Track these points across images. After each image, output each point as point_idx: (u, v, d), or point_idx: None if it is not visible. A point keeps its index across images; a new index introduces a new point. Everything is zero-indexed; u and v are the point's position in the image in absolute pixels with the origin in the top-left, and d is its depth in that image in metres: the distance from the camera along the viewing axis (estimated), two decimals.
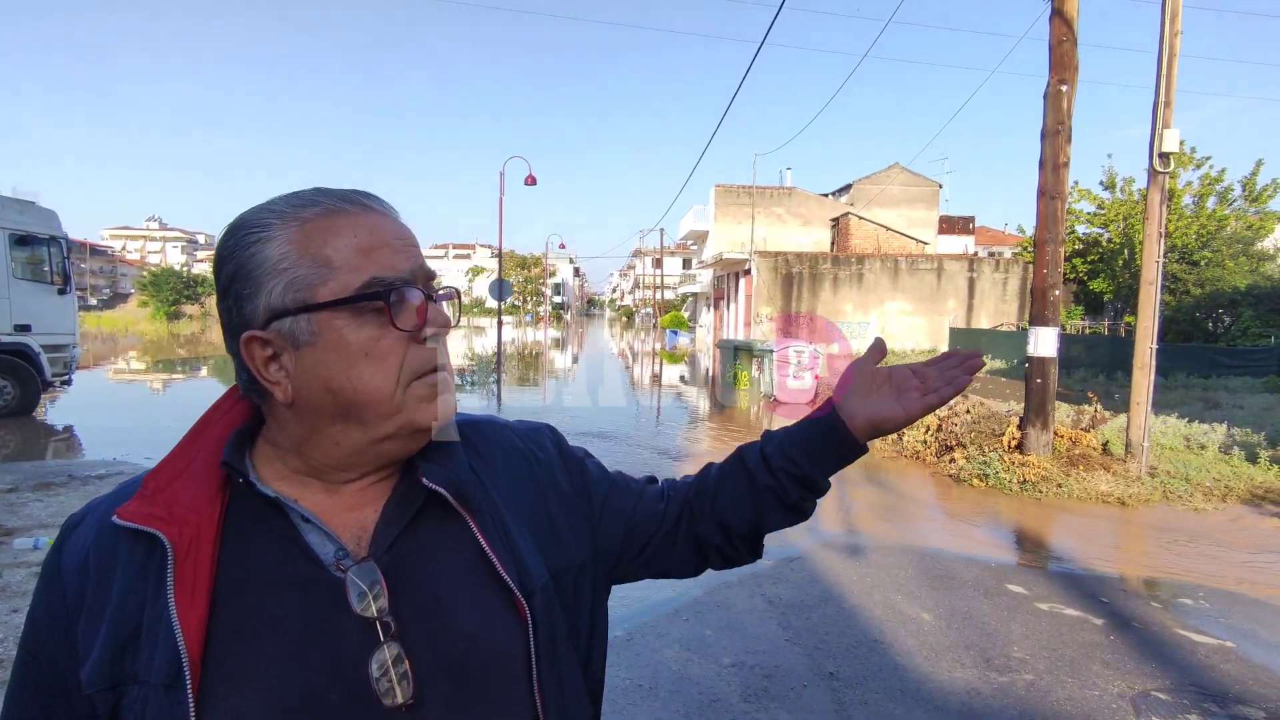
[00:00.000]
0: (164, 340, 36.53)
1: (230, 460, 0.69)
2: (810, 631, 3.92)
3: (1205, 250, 21.67)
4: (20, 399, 10.94)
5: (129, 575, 0.65)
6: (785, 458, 0.89)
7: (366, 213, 0.69)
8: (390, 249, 0.68)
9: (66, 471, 7.47)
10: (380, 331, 0.67)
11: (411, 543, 0.70)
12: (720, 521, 0.91)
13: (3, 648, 3.47)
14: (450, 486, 0.71)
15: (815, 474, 0.89)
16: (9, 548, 4.90)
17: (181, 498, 0.67)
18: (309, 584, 0.66)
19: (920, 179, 36.40)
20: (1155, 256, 7.67)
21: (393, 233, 0.70)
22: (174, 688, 0.61)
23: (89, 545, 0.68)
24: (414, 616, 0.67)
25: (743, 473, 0.91)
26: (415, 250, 0.71)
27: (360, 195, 0.71)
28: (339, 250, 0.66)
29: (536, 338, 43.19)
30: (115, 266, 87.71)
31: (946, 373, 0.88)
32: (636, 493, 0.92)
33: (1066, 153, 7.83)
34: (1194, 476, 7.36)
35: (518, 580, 0.71)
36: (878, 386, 0.88)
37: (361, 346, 0.66)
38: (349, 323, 0.66)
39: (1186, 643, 3.91)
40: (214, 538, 0.66)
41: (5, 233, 10.83)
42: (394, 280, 0.67)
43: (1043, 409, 7.86)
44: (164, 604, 0.63)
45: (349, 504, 0.71)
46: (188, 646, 0.61)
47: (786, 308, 25.41)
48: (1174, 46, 7.47)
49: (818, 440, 0.88)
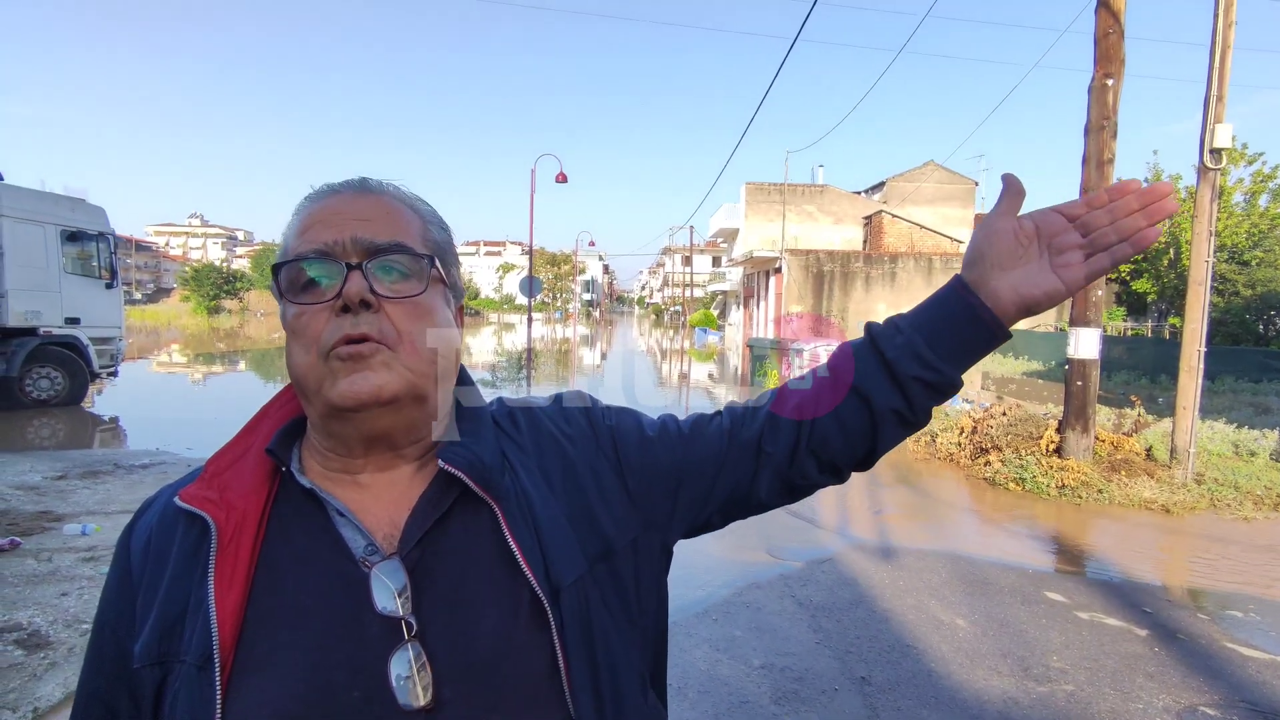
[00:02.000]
0: (204, 334, 37.54)
1: (275, 449, 0.71)
2: (841, 634, 3.86)
3: (1257, 250, 20.93)
4: (69, 389, 11.34)
5: (182, 555, 0.68)
6: (918, 361, 0.74)
7: (331, 196, 0.71)
8: (322, 225, 0.68)
9: (113, 460, 7.71)
10: (297, 308, 0.67)
11: (440, 539, 0.68)
12: (819, 457, 0.79)
13: (53, 629, 3.59)
14: (470, 470, 0.69)
15: (953, 376, 0.74)
16: (58, 533, 5.07)
17: (234, 483, 0.69)
18: (338, 578, 0.66)
19: (956, 176, 35.73)
20: (1204, 256, 7.42)
21: (335, 209, 0.69)
22: (205, 669, 0.62)
23: (153, 525, 0.71)
24: (436, 616, 0.66)
25: (856, 396, 0.77)
26: (356, 223, 0.68)
27: (347, 182, 0.73)
28: (289, 236, 0.70)
29: (566, 334, 43.40)
30: (159, 262, 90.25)
31: (1121, 221, 0.69)
32: (684, 438, 0.82)
33: (1112, 149, 7.61)
34: (1243, 484, 7.10)
35: (544, 575, 0.68)
36: (1023, 248, 0.71)
37: (289, 324, 0.68)
38: (286, 303, 0.69)
39: (1236, 657, 3.77)
40: (257, 524, 0.67)
41: (57, 229, 11.23)
42: (301, 255, 0.68)
43: (1083, 412, 7.66)
44: (206, 587, 0.64)
45: (382, 498, 0.70)
46: (220, 630, 0.62)
47: (817, 307, 25.12)
48: (1227, 39, 7.20)
49: (951, 333, 0.73)
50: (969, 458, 8.28)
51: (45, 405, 11.00)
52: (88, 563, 4.49)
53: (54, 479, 6.69)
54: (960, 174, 35.88)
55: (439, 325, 0.71)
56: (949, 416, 9.93)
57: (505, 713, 0.65)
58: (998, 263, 0.72)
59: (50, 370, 11.13)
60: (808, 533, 5.81)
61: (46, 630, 3.58)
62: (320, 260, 0.67)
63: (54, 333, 11.17)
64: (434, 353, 0.70)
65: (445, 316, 0.73)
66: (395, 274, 0.69)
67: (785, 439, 0.80)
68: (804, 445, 0.79)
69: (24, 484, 6.45)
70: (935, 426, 9.28)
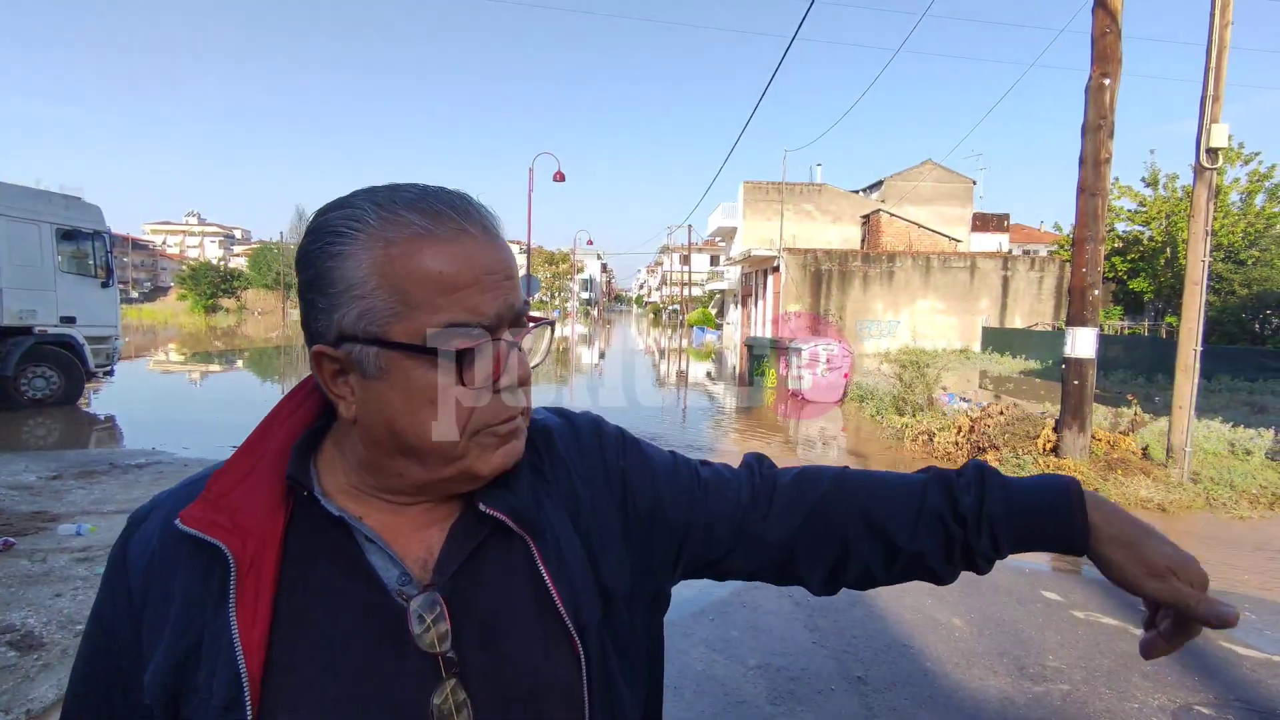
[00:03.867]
0: (202, 333, 37.47)
1: (295, 474, 0.66)
2: (838, 634, 3.86)
3: (1253, 249, 20.99)
4: (65, 388, 11.30)
5: (192, 584, 0.63)
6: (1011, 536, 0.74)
7: (461, 238, 0.62)
8: (477, 288, 0.62)
9: (108, 460, 7.68)
10: (449, 379, 0.62)
11: (476, 570, 0.66)
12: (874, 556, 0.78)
13: (47, 631, 3.58)
14: (511, 513, 0.68)
15: (1019, 548, 0.75)
16: (53, 533, 5.05)
17: (245, 505, 0.65)
18: (371, 609, 0.63)
19: (954, 175, 35.80)
20: (1201, 255, 7.43)
21: (484, 266, 0.62)
22: (232, 709, 0.59)
23: (154, 545, 0.67)
24: (475, 650, 0.64)
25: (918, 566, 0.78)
26: (507, 285, 0.64)
27: (460, 211, 0.63)
28: (419, 285, 0.60)
29: (564, 333, 43.42)
30: (155, 260, 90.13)
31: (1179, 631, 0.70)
32: (698, 498, 0.79)
33: (1108, 148, 7.61)
34: (1239, 483, 7.12)
35: (574, 613, 0.67)
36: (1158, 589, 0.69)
37: (428, 394, 0.62)
38: (418, 365, 0.61)
39: (1231, 656, 3.77)
40: (277, 552, 0.64)
41: (52, 227, 11.19)
42: (470, 327, 0.61)
43: (1079, 411, 7.67)
44: (225, 620, 0.61)
45: (415, 524, 0.68)
46: (249, 668, 0.59)
47: (815, 305, 25.14)
48: (1224, 38, 7.21)
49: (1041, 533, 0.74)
50: (966, 457, 8.29)
51: (41, 405, 10.97)
52: (82, 563, 4.47)
53: (49, 479, 6.67)
54: (958, 173, 35.94)
55: None
56: (947, 416, 9.94)
57: None
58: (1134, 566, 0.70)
59: (46, 369, 11.09)
60: None
61: (40, 631, 3.56)
62: (480, 329, 0.62)
63: (49, 332, 11.13)
64: None
65: None
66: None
67: (803, 572, 0.80)
68: (820, 577, 0.80)
69: (19, 484, 6.43)
70: (933, 426, 9.29)
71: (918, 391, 11.05)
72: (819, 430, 11.03)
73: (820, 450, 9.47)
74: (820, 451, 9.39)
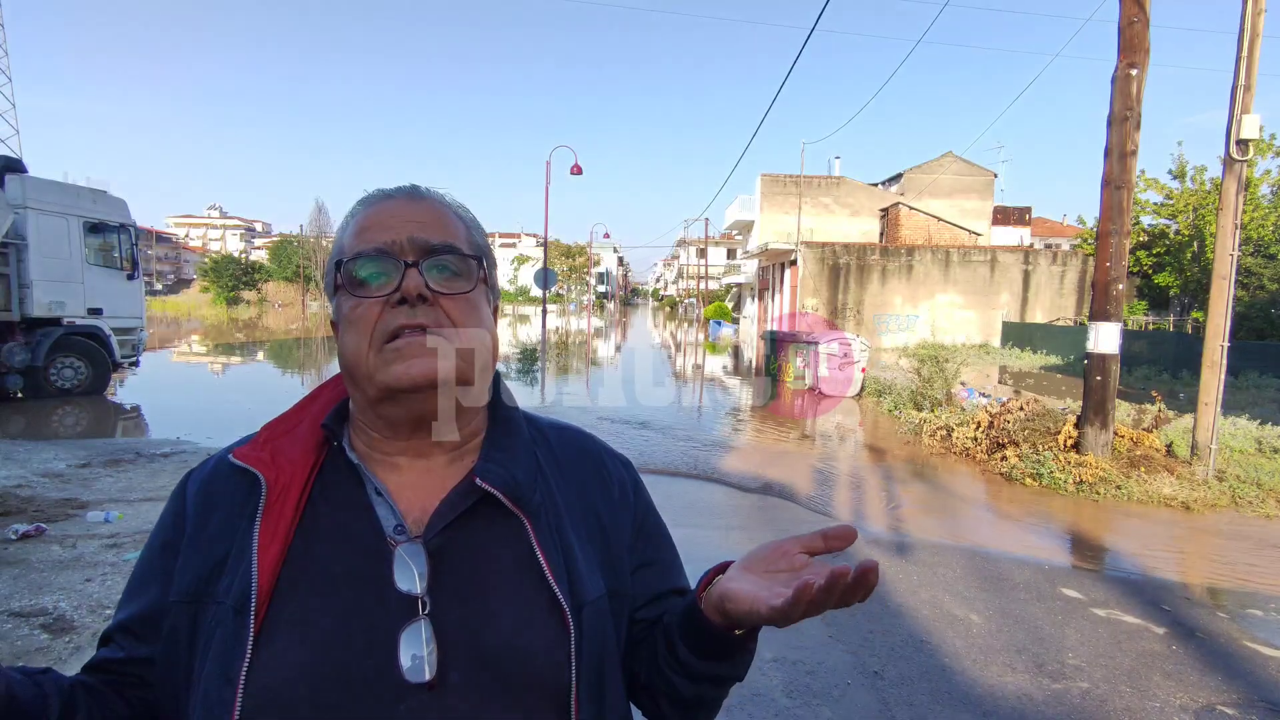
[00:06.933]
0: (224, 324, 37.97)
1: (329, 424, 0.78)
2: (854, 629, 3.86)
3: None
4: (92, 379, 11.53)
5: (232, 505, 0.74)
6: (667, 647, 0.76)
7: (383, 201, 0.77)
8: (378, 227, 0.74)
9: (135, 449, 7.84)
10: (355, 300, 0.73)
11: (465, 532, 0.73)
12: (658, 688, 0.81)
13: (78, 615, 3.67)
14: (506, 488, 0.74)
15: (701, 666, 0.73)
16: (82, 520, 5.17)
17: (286, 449, 0.76)
18: (367, 552, 0.71)
19: (974, 168, 35.26)
20: (1230, 249, 7.28)
21: (394, 213, 0.75)
22: (241, 613, 0.67)
23: (208, 476, 0.79)
24: (450, 601, 0.69)
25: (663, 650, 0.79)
26: (414, 225, 0.75)
27: (394, 189, 0.79)
28: (347, 236, 0.76)
29: (580, 326, 43.46)
30: (179, 253, 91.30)
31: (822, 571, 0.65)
32: (645, 580, 0.84)
33: (1135, 140, 7.47)
34: (1266, 482, 6.99)
35: (568, 589, 0.73)
36: (774, 561, 0.70)
37: (346, 316, 0.74)
38: (342, 296, 0.75)
39: (1256, 656, 3.72)
40: (302, 489, 0.73)
41: (80, 220, 11.39)
42: (360, 253, 0.73)
43: (1102, 407, 7.56)
44: (250, 536, 0.70)
45: (418, 484, 0.76)
46: (259, 581, 0.67)
47: (833, 300, 24.95)
48: (1256, 26, 7.04)
49: (682, 622, 0.74)
50: (985, 453, 8.21)
51: (69, 394, 11.19)
52: (110, 549, 4.57)
53: (78, 467, 6.82)
54: (979, 165, 35.41)
55: (483, 321, 0.77)
56: (966, 411, 9.84)
57: (506, 705, 0.68)
58: (752, 563, 0.70)
59: (74, 360, 11.31)
60: (822, 525, 5.77)
61: (71, 615, 3.65)
62: (379, 258, 0.73)
63: (77, 323, 11.34)
64: (480, 344, 0.75)
65: (487, 313, 0.79)
66: (447, 272, 0.75)
67: None
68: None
69: (49, 471, 6.58)
70: (951, 421, 9.21)
71: (936, 386, 10.95)
72: (835, 425, 10.96)
73: (837, 444, 9.42)
74: (837, 446, 9.34)
